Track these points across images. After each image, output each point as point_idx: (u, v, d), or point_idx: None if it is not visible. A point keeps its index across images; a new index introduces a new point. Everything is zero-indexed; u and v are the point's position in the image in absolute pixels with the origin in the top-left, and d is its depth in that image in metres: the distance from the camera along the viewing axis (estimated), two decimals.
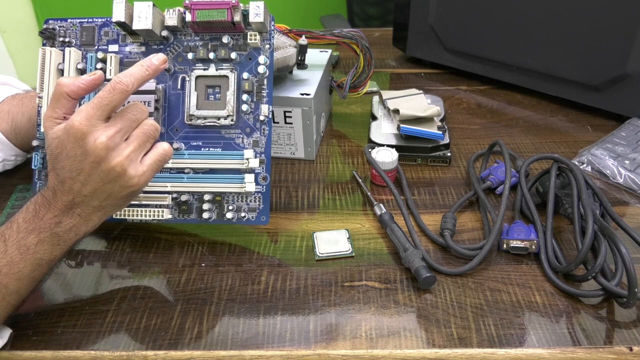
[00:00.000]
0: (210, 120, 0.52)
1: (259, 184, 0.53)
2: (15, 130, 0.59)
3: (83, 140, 0.42)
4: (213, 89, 0.53)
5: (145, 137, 0.45)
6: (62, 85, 0.44)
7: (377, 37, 1.14)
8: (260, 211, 0.54)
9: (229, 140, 0.53)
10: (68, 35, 0.55)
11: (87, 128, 0.41)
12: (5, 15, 1.66)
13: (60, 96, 0.44)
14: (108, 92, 0.43)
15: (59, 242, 0.43)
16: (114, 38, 0.55)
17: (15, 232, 0.42)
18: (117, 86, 0.43)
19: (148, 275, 0.52)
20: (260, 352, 0.44)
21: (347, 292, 0.49)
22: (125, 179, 0.43)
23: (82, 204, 0.44)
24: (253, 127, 0.53)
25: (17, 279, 0.42)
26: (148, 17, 0.50)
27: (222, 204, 0.54)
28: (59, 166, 0.43)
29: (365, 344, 0.44)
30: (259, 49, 0.53)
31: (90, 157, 0.42)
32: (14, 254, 0.42)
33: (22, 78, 0.72)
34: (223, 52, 0.53)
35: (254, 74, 0.53)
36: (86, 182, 0.43)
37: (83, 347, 0.44)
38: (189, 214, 0.54)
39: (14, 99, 0.60)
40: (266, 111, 0.52)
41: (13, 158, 0.63)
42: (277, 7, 1.19)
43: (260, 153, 0.53)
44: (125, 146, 0.44)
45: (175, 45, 0.54)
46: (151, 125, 0.46)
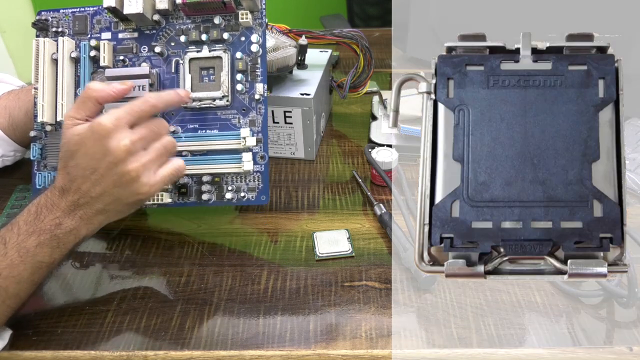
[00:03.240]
0: (206, 101, 0.52)
1: (257, 162, 0.53)
2: (13, 125, 0.59)
3: (107, 139, 0.42)
4: (207, 71, 0.53)
5: (164, 150, 0.46)
6: (93, 90, 0.45)
7: (377, 37, 1.14)
8: (260, 190, 0.53)
9: (225, 121, 0.53)
10: (61, 26, 0.55)
11: (114, 127, 0.42)
12: (5, 15, 1.66)
13: (88, 100, 0.45)
14: (141, 103, 0.45)
15: (58, 244, 0.43)
16: (107, 26, 0.55)
17: (16, 235, 0.42)
18: (150, 100, 0.45)
19: (148, 275, 0.52)
20: (260, 352, 0.44)
21: (347, 292, 0.49)
22: (137, 186, 0.44)
23: (85, 206, 0.44)
24: (249, 107, 0.53)
25: (17, 282, 0.42)
26: (139, 1, 0.50)
27: (221, 185, 0.54)
28: (72, 163, 0.43)
29: (365, 344, 0.44)
30: (251, 28, 0.53)
31: (110, 157, 0.42)
32: (14, 257, 0.42)
33: (22, 78, 0.72)
34: (215, 33, 0.52)
35: (247, 53, 0.53)
36: (97, 183, 0.43)
37: (83, 347, 0.44)
38: (189, 197, 0.54)
39: (10, 94, 0.60)
40: (261, 90, 0.53)
41: (12, 154, 0.63)
42: (277, 7, 1.19)
43: (257, 132, 0.53)
44: (144, 154, 0.44)
45: (168, 29, 0.54)
46: (170, 141, 0.47)
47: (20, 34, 1.69)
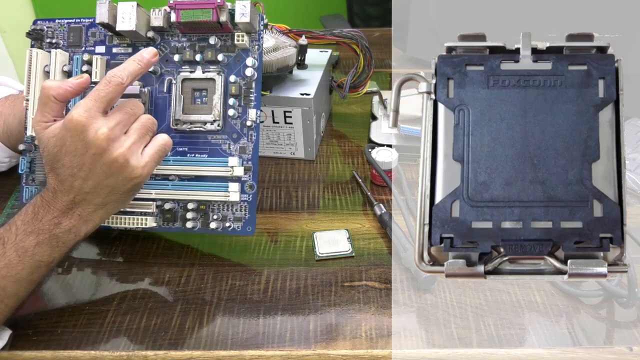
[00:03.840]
0: (197, 125, 0.51)
1: (245, 192, 0.51)
2: (7, 133, 0.59)
3: (83, 133, 0.41)
4: (200, 92, 0.51)
5: (145, 130, 0.45)
6: (48, 89, 0.43)
7: (377, 37, 1.14)
8: (246, 221, 0.52)
9: (216, 146, 0.51)
10: (55, 37, 0.54)
11: (86, 120, 0.41)
12: (5, 15, 1.66)
13: (48, 99, 0.43)
14: (104, 85, 0.43)
15: (58, 243, 0.43)
16: (101, 39, 0.54)
17: (14, 235, 0.42)
18: (113, 79, 0.43)
19: (148, 276, 0.52)
20: (260, 352, 0.44)
21: (347, 292, 0.49)
22: (129, 170, 0.43)
23: (82, 203, 0.43)
24: (240, 133, 0.51)
25: (16, 281, 0.42)
26: (132, 18, 0.49)
27: (207, 212, 0.52)
28: (59, 165, 0.42)
29: (365, 344, 0.44)
30: (247, 50, 0.51)
31: (92, 149, 0.41)
32: (12, 256, 0.42)
33: (22, 78, 0.72)
34: (210, 53, 0.51)
35: (242, 76, 0.51)
36: (87, 178, 0.42)
37: (83, 347, 0.44)
38: (174, 222, 0.53)
39: (6, 101, 0.60)
40: (254, 116, 0.51)
41: (7, 160, 0.62)
42: (277, 7, 1.19)
43: (247, 160, 0.51)
44: (126, 138, 0.43)
45: (162, 46, 0.52)
46: (149, 118, 0.46)
47: (20, 34, 1.68)
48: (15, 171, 0.65)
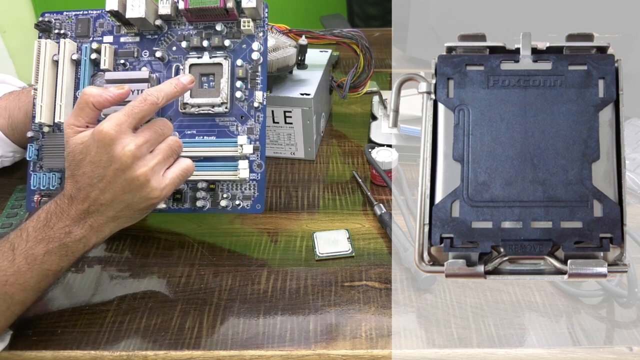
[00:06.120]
0: (205, 108, 0.52)
1: (253, 171, 0.53)
2: (12, 126, 0.59)
3: (110, 146, 0.41)
4: (207, 77, 0.53)
5: (170, 152, 0.45)
6: (89, 95, 0.44)
7: (377, 37, 1.14)
8: (255, 199, 0.53)
9: (223, 127, 0.53)
10: (63, 28, 0.55)
11: (116, 134, 0.42)
12: (5, 15, 1.66)
13: (86, 105, 0.44)
14: (139, 102, 0.43)
15: (67, 253, 0.43)
16: (109, 29, 0.55)
17: (25, 241, 0.42)
18: (149, 98, 0.44)
19: (148, 275, 0.52)
20: (260, 352, 0.44)
21: (347, 292, 0.49)
22: (147, 190, 0.43)
23: (95, 213, 0.43)
24: (247, 114, 0.53)
25: (23, 289, 0.42)
26: (141, 6, 0.50)
27: (216, 192, 0.53)
28: (80, 172, 0.43)
29: (365, 344, 0.44)
30: (252, 36, 0.53)
31: (116, 163, 0.42)
32: (21, 264, 0.42)
33: (22, 78, 0.72)
34: (217, 39, 0.52)
35: (248, 60, 0.53)
36: (105, 190, 0.42)
37: (83, 347, 0.44)
38: (183, 203, 0.54)
39: (11, 95, 0.60)
40: (260, 98, 0.52)
41: (11, 154, 0.63)
42: (277, 7, 1.19)
43: (254, 140, 0.53)
44: (151, 158, 0.44)
45: (169, 34, 0.54)
46: (175, 140, 0.46)
47: (20, 34, 1.68)
48: (17, 169, 0.65)
